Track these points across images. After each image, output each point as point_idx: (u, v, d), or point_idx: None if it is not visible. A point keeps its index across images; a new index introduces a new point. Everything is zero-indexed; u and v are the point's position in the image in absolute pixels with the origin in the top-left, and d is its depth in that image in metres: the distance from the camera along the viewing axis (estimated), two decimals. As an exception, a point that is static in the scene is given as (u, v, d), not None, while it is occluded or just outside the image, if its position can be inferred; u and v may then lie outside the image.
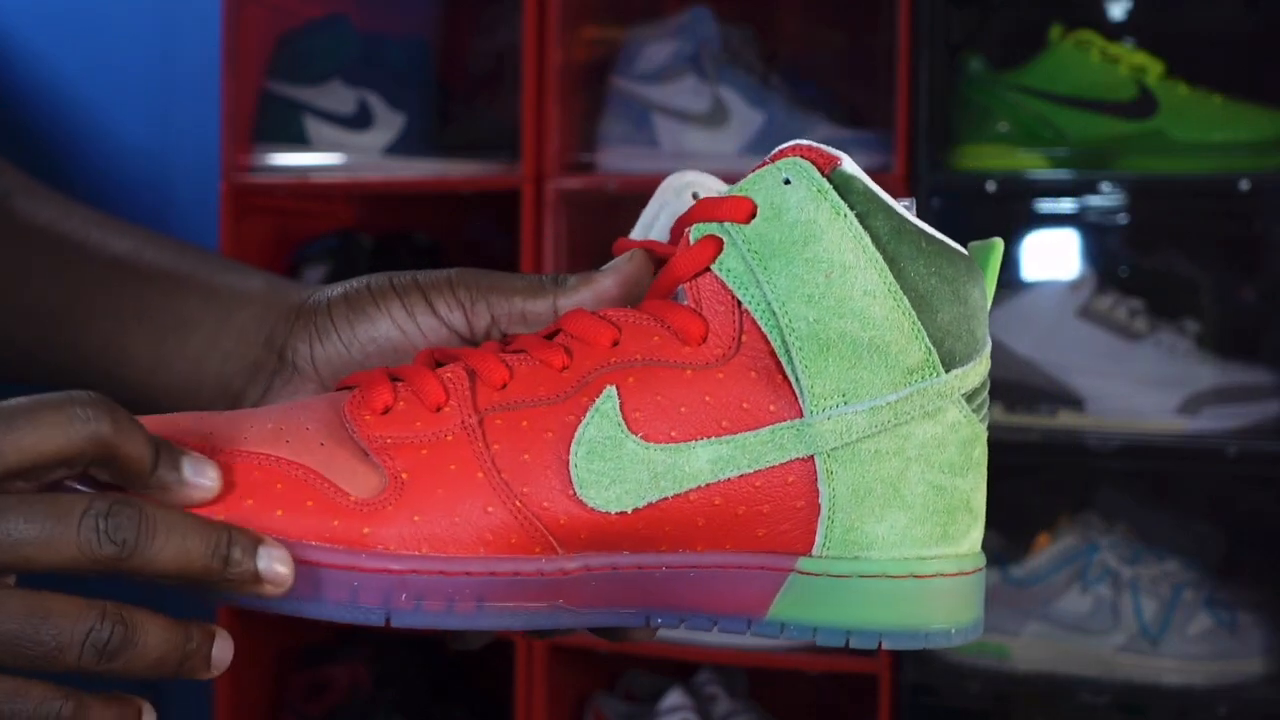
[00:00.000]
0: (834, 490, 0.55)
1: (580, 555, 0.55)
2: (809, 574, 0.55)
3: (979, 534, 0.58)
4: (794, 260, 0.55)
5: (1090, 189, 1.84)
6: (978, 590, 0.58)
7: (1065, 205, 1.96)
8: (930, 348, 0.55)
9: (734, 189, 0.57)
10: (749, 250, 0.55)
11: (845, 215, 0.55)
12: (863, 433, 0.54)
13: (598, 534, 0.54)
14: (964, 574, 0.57)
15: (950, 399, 0.56)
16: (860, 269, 0.54)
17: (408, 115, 2.05)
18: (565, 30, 1.93)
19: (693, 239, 0.57)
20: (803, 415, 0.54)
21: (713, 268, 0.56)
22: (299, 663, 2.13)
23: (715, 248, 0.56)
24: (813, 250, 0.55)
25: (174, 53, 2.36)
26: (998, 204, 1.84)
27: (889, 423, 0.55)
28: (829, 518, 0.55)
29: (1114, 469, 1.88)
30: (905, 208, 0.56)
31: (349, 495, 0.53)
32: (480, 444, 0.54)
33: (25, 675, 0.49)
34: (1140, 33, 1.90)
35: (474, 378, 0.56)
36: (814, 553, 0.55)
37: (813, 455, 0.54)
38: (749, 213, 0.56)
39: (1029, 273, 1.99)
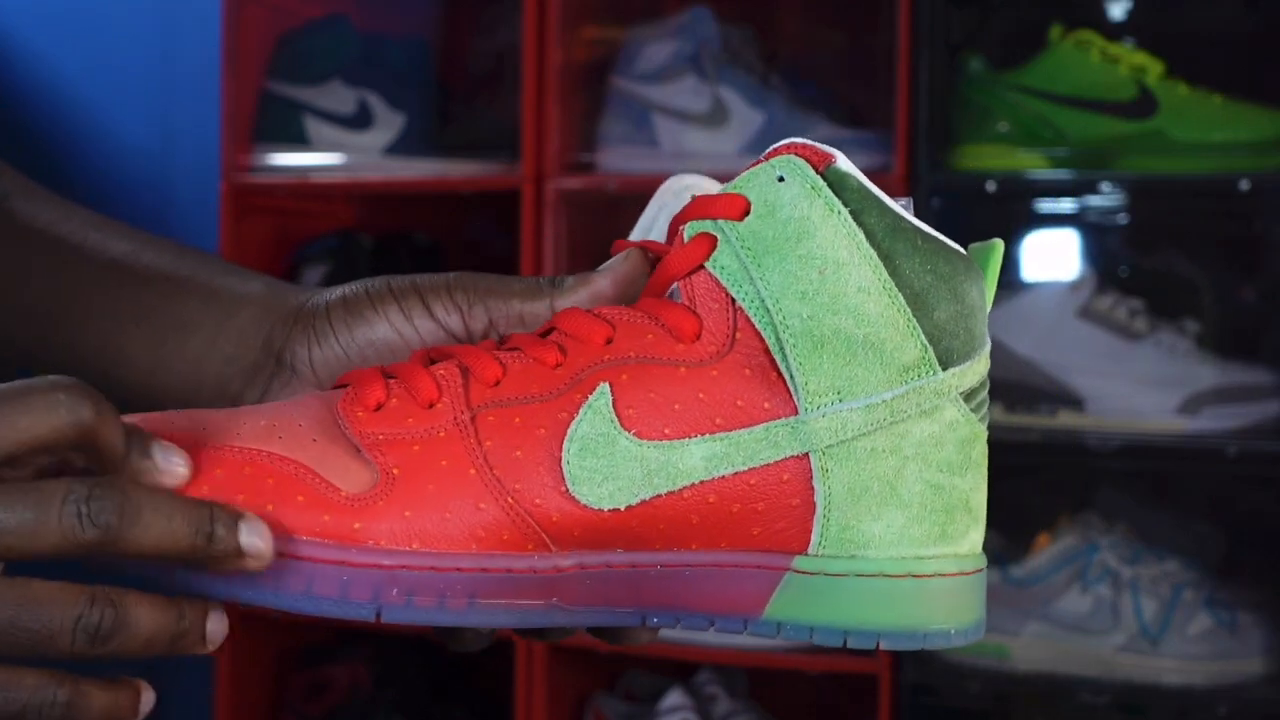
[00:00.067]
0: (829, 488, 0.54)
1: (574, 553, 0.54)
2: (805, 573, 0.55)
3: (979, 534, 0.57)
4: (787, 257, 0.54)
5: (1090, 189, 1.84)
6: (978, 591, 0.57)
7: (1065, 205, 1.96)
8: (926, 345, 0.55)
9: (728, 186, 0.57)
10: (742, 247, 0.55)
11: (839, 212, 0.54)
12: (858, 430, 0.54)
13: (591, 531, 0.54)
14: (964, 574, 0.56)
15: (947, 397, 0.55)
16: (854, 266, 0.54)
17: (408, 115, 2.05)
18: (565, 30, 1.93)
19: (687, 237, 0.57)
20: (797, 413, 0.54)
21: (706, 265, 0.56)
22: (299, 663, 2.13)
23: (709, 245, 0.56)
24: (806, 247, 0.54)
25: (174, 53, 2.36)
26: (998, 204, 1.83)
27: (885, 420, 0.54)
28: (825, 516, 0.54)
29: (1114, 469, 1.88)
30: (903, 207, 0.56)
31: (340, 491, 0.53)
32: (472, 440, 0.54)
33: (18, 664, 0.49)
34: (1140, 33, 1.90)
35: (467, 375, 0.56)
36: (810, 551, 0.55)
37: (808, 453, 0.54)
38: (743, 210, 0.56)
39: (1029, 273, 1.98)
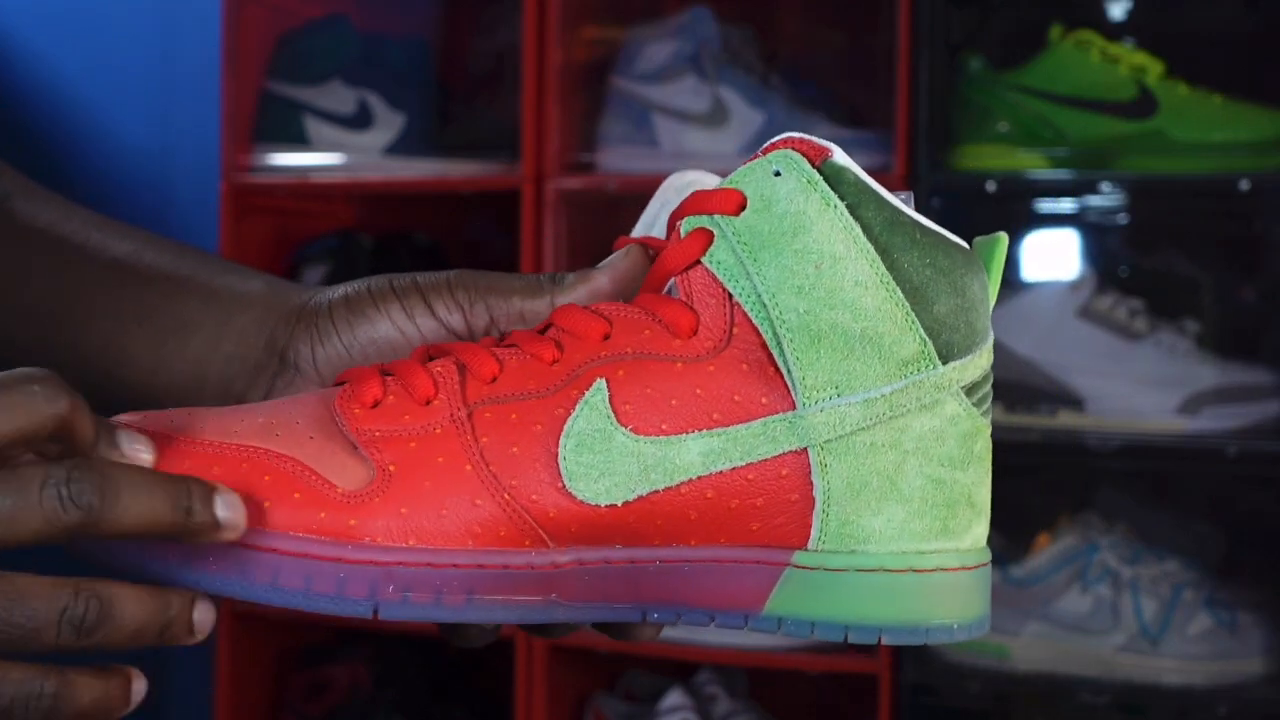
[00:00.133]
0: (828, 483, 0.54)
1: (571, 549, 0.54)
2: (805, 568, 0.55)
3: (983, 529, 0.57)
4: (783, 252, 0.54)
5: (1090, 189, 1.84)
6: (982, 586, 0.57)
7: (1065, 205, 1.96)
8: (925, 339, 0.54)
9: (724, 181, 0.57)
10: (739, 242, 0.55)
11: (835, 206, 0.54)
12: (857, 425, 0.54)
13: (588, 527, 0.54)
14: (966, 569, 0.56)
15: (948, 391, 0.55)
16: (851, 260, 0.54)
17: (408, 115, 2.05)
18: (565, 30, 1.93)
19: (683, 232, 0.57)
20: (795, 408, 0.54)
21: (703, 260, 0.56)
22: (299, 663, 2.13)
23: (706, 240, 0.56)
24: (802, 241, 0.54)
25: (174, 53, 2.36)
26: (998, 204, 1.83)
27: (884, 415, 0.54)
28: (824, 511, 0.54)
29: (1114, 469, 1.88)
30: (903, 200, 0.55)
31: (336, 488, 0.53)
32: (469, 437, 0.54)
33: (4, 659, 0.48)
34: (1140, 33, 1.90)
35: (464, 371, 0.56)
36: (810, 546, 0.55)
37: (806, 448, 0.54)
38: (739, 205, 0.56)
39: (1029, 273, 1.98)
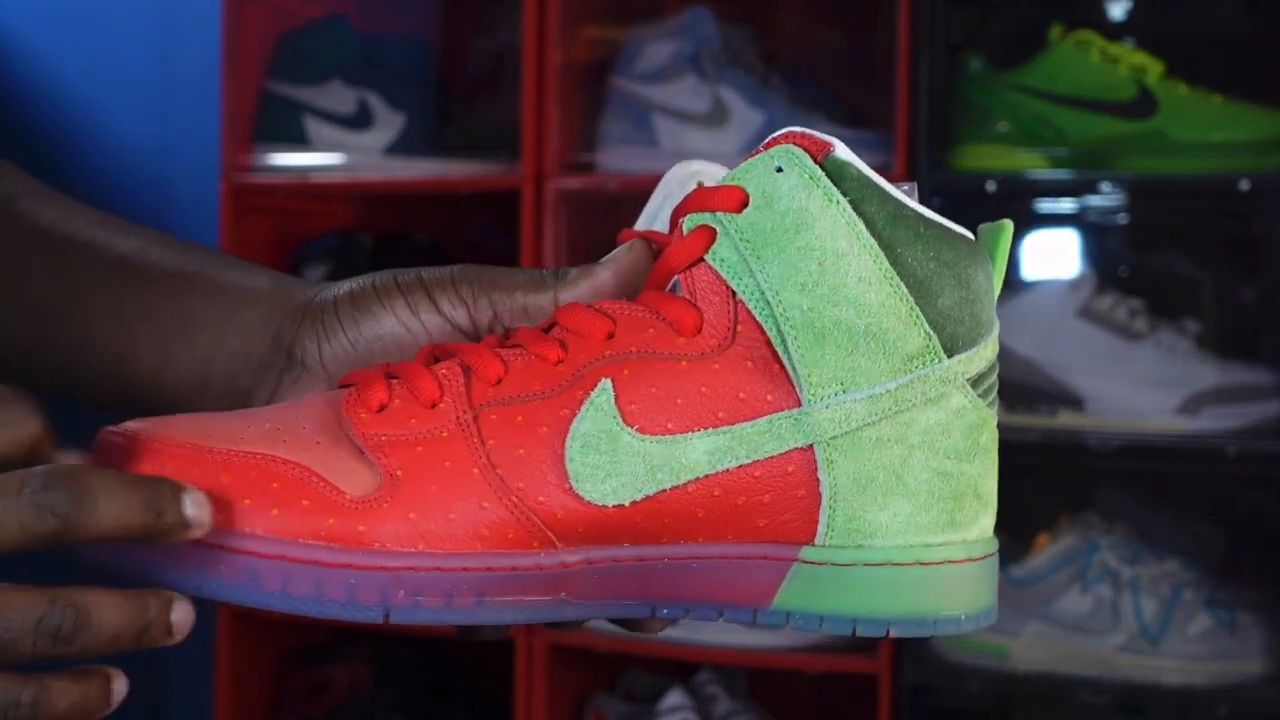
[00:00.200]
0: (835, 479, 0.54)
1: (580, 549, 0.54)
2: (813, 563, 0.55)
3: (990, 520, 0.57)
4: (786, 249, 0.54)
5: (1090, 189, 1.84)
6: (989, 577, 0.57)
7: (1065, 205, 1.96)
8: (930, 333, 0.54)
9: (726, 178, 0.57)
10: (741, 240, 0.55)
11: (838, 202, 0.54)
12: (862, 421, 0.54)
13: (596, 528, 0.54)
14: (973, 560, 0.56)
15: (954, 384, 0.55)
16: (854, 256, 0.54)
17: (408, 115, 2.05)
18: (565, 30, 1.93)
19: (686, 229, 0.56)
20: (800, 404, 0.54)
21: (706, 258, 0.56)
22: (299, 663, 2.13)
23: (709, 238, 0.56)
24: (805, 238, 0.54)
25: (174, 53, 2.36)
26: (998, 204, 1.83)
27: (889, 410, 0.54)
28: (830, 506, 0.54)
29: (1114, 469, 1.88)
30: (905, 193, 0.55)
31: (344, 494, 0.53)
32: (475, 440, 0.54)
33: None
34: (1140, 33, 1.90)
35: (469, 373, 0.56)
36: (817, 542, 0.55)
37: (812, 444, 0.54)
38: (741, 202, 0.56)
39: (1029, 273, 1.99)
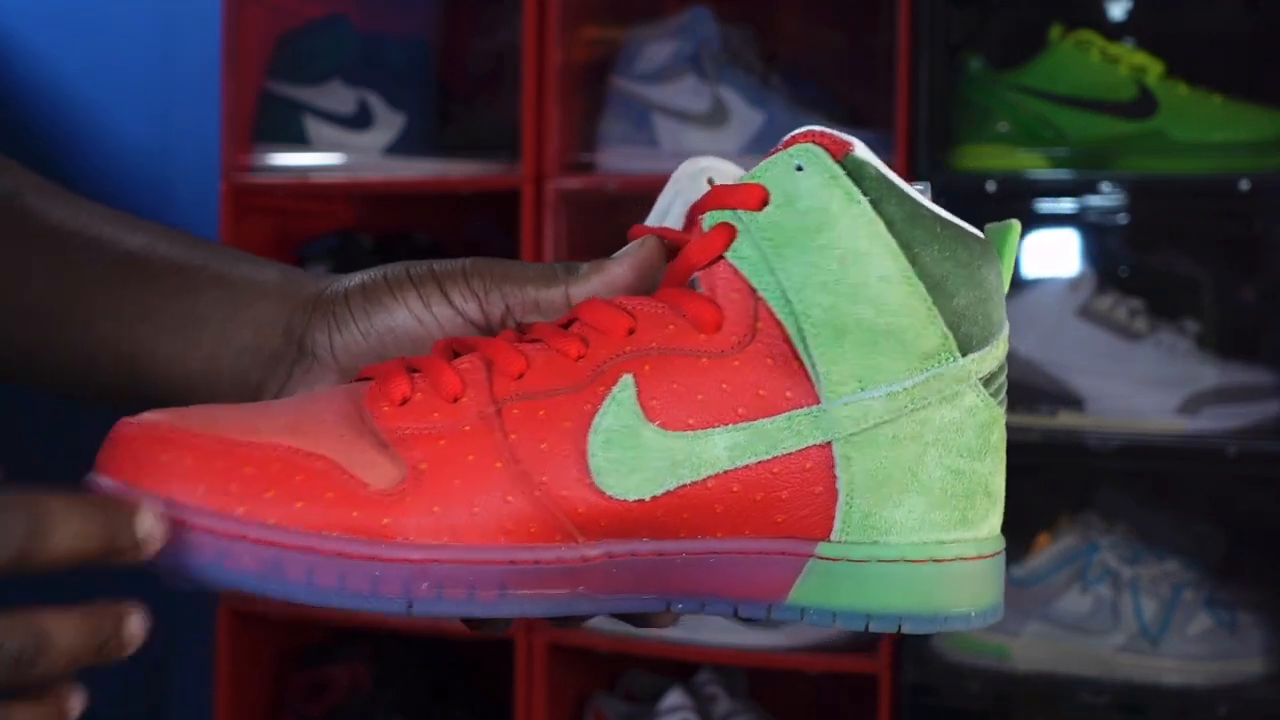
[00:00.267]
0: (852, 476, 0.55)
1: (600, 543, 0.54)
2: (828, 559, 0.55)
3: (998, 518, 0.58)
4: (807, 247, 0.55)
5: (1090, 189, 1.84)
6: (997, 574, 0.58)
7: (1065, 205, 1.96)
8: (946, 333, 0.55)
9: (746, 176, 0.57)
10: (762, 238, 0.55)
11: (858, 201, 0.55)
12: (880, 418, 0.54)
13: (617, 522, 0.54)
14: (983, 557, 0.57)
15: (967, 383, 0.56)
16: (874, 255, 0.54)
17: (408, 115, 2.05)
18: (565, 30, 1.93)
19: (706, 227, 0.57)
20: (819, 402, 0.54)
21: (726, 256, 0.56)
22: (299, 663, 2.13)
23: (728, 235, 0.56)
24: (826, 237, 0.55)
25: (174, 53, 2.36)
26: (998, 204, 1.84)
27: (906, 408, 0.55)
28: (847, 503, 0.55)
29: (1114, 469, 1.88)
30: (919, 192, 0.56)
31: (368, 486, 0.53)
32: (498, 434, 0.54)
33: None
34: (1140, 33, 1.91)
35: (491, 368, 0.56)
36: (833, 538, 0.55)
37: (830, 441, 0.54)
38: (761, 200, 0.56)
39: (1029, 272, 1.99)
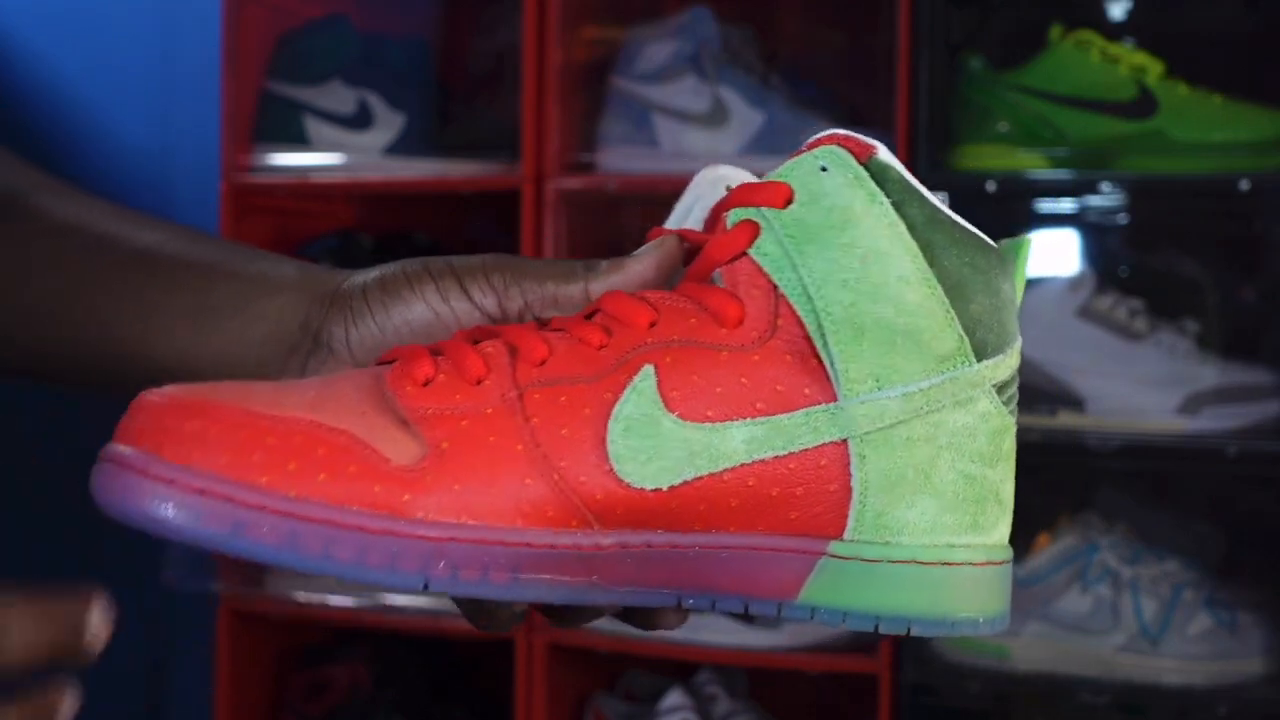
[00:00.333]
0: (866, 474, 0.55)
1: (616, 531, 0.55)
2: (840, 558, 0.55)
3: (1007, 527, 0.58)
4: (830, 245, 0.55)
5: (1090, 189, 1.84)
6: (1005, 581, 0.58)
7: (1065, 205, 1.96)
8: (963, 336, 0.55)
9: (771, 175, 0.58)
10: (786, 235, 0.56)
11: (881, 202, 0.55)
12: (895, 418, 0.55)
13: (633, 510, 0.55)
14: (993, 564, 0.57)
15: (981, 389, 0.56)
16: (895, 255, 0.55)
17: (408, 115, 2.05)
18: (565, 30, 1.93)
19: (729, 223, 0.57)
20: (837, 399, 0.55)
21: (749, 251, 0.56)
22: (299, 663, 2.13)
23: (752, 232, 0.56)
24: (849, 235, 0.55)
25: (174, 53, 2.36)
26: (998, 204, 1.84)
27: (921, 409, 0.55)
28: (860, 502, 0.55)
29: (1114, 469, 1.88)
30: (940, 199, 0.57)
31: (390, 461, 0.53)
32: (520, 418, 0.55)
33: None
34: (1140, 33, 1.91)
35: (514, 353, 0.56)
36: (845, 536, 0.55)
37: (846, 439, 0.55)
38: (786, 198, 0.56)
39: (1029, 272, 1.98)
